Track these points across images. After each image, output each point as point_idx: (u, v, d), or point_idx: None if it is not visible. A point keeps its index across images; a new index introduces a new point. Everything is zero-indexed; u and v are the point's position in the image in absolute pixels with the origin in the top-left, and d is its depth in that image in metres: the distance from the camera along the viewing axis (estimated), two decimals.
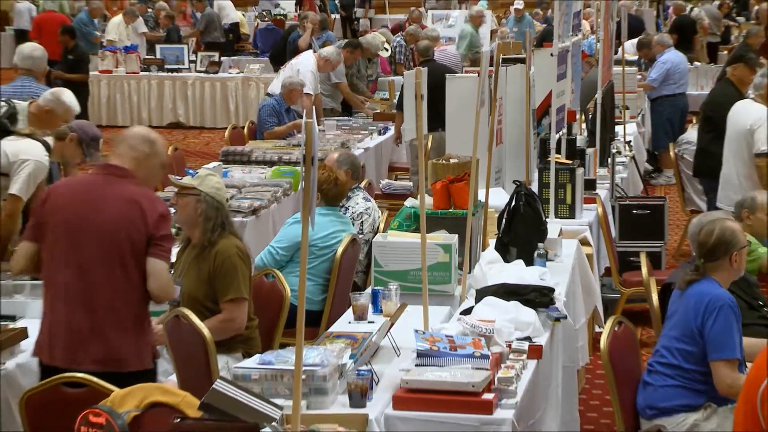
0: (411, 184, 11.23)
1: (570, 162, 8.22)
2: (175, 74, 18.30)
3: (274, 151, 10.36)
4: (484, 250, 6.50)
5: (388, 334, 5.24)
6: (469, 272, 6.14)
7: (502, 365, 4.86)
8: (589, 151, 9.00)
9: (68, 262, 5.07)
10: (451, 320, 5.58)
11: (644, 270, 6.65)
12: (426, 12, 21.33)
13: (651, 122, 13.81)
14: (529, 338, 5.28)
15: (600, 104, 9.88)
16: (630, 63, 14.13)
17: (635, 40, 15.89)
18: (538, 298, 5.65)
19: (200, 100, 18.22)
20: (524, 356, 5.07)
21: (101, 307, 5.03)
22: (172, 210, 6.04)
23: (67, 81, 14.47)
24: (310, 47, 15.12)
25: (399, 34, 17.70)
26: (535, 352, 5.18)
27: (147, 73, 18.28)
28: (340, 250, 6.87)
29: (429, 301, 5.56)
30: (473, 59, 16.61)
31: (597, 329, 7.31)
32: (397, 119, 11.87)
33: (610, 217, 8.69)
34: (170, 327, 5.52)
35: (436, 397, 4.58)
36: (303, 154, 3.55)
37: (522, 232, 6.47)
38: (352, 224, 7.35)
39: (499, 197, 7.17)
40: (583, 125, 10.46)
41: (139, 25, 20.33)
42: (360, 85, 14.06)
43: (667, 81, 13.59)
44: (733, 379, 5.00)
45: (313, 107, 11.93)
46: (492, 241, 6.64)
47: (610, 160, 9.58)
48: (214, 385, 3.83)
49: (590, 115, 10.39)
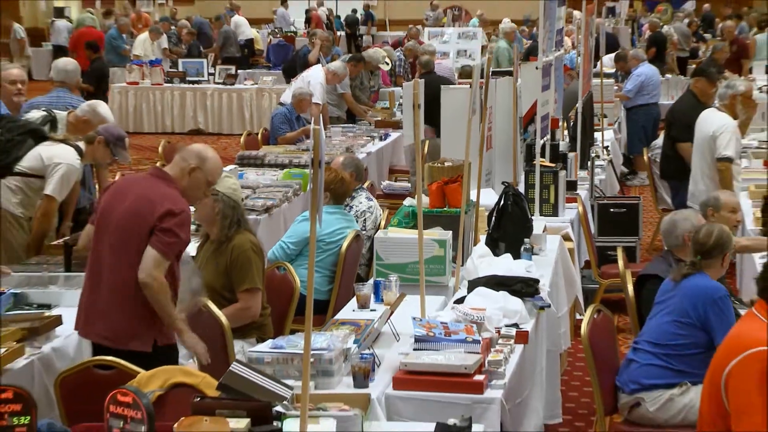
0: (409, 185, 11.23)
1: (553, 165, 8.22)
2: (196, 86, 18.27)
3: (285, 155, 10.35)
4: (475, 245, 6.49)
5: (389, 321, 5.24)
6: (462, 265, 6.14)
7: (492, 349, 4.86)
8: (571, 155, 8.99)
9: (95, 245, 5.12)
10: (446, 308, 5.58)
11: (620, 263, 6.64)
12: (423, 29, 21.28)
13: (626, 129, 13.79)
14: (516, 325, 5.27)
15: (580, 113, 9.88)
16: (607, 75, 14.11)
17: (612, 55, 15.87)
18: (525, 288, 5.64)
19: (218, 109, 18.19)
20: (512, 341, 5.06)
21: (107, 289, 5.00)
22: (193, 209, 6.02)
23: (87, 91, 14.47)
24: (318, 61, 15.12)
25: (399, 49, 17.68)
26: (522, 337, 5.17)
27: (170, 85, 18.26)
28: (344, 245, 6.86)
29: (426, 291, 5.55)
30: (465, 72, 16.57)
31: (578, 317, 7.30)
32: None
33: (590, 215, 8.68)
34: (191, 315, 5.51)
35: (432, 378, 4.58)
36: (311, 157, 3.54)
37: (510, 229, 6.46)
38: (356, 221, 7.34)
39: (489, 197, 7.16)
40: (565, 132, 10.44)
41: (163, 42, 20.33)
42: (363, 96, 14.04)
43: (641, 92, 13.57)
44: None
45: (321, 116, 11.91)
46: (483, 237, 6.63)
47: (589, 163, 9.57)
48: (230, 368, 3.82)
49: (572, 123, 10.38)
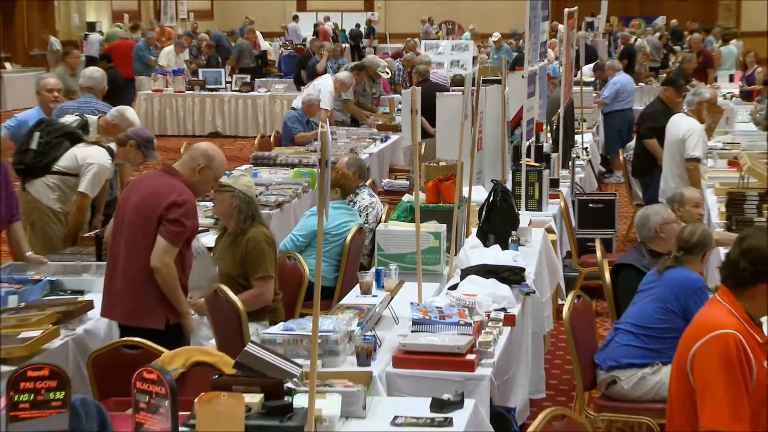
0: (408, 182, 11.20)
1: (538, 164, 8.21)
2: (214, 93, 18.25)
3: (295, 156, 10.35)
4: (467, 237, 6.49)
5: (389, 305, 5.24)
6: (455, 255, 6.13)
7: (482, 331, 4.85)
8: (554, 155, 8.99)
9: (114, 237, 5.19)
10: (441, 294, 5.57)
11: (598, 253, 6.63)
12: (420, 42, 21.24)
13: (604, 132, 13.77)
14: (504, 309, 5.26)
15: (562, 117, 9.86)
16: (587, 84, 14.09)
17: (591, 65, 15.84)
18: (512, 276, 5.64)
19: (234, 113, 18.18)
20: (500, 324, 5.05)
21: (123, 275, 5.06)
22: (210, 204, 6.02)
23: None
24: (326, 71, 15.08)
25: (398, 59, 17.66)
26: (509, 320, 5.17)
27: (191, 92, 18.25)
28: (349, 237, 6.86)
29: (422, 279, 5.56)
30: (458, 81, 16.54)
31: (560, 302, 7.29)
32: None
33: (571, 210, 8.67)
34: (210, 300, 5.51)
35: (428, 357, 4.57)
36: (319, 158, 3.53)
37: (498, 223, 6.45)
38: (359, 216, 7.33)
39: (480, 194, 7.16)
40: (549, 134, 10.43)
41: (185, 53, 20.35)
42: (366, 102, 14.02)
43: (617, 98, 13.54)
44: None
45: (327, 120, 11.90)
46: (474, 230, 6.63)
47: (570, 163, 9.57)
48: (246, 348, 3.81)
49: (554, 126, 10.37)
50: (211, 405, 3.57)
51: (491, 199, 6.53)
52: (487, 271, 5.60)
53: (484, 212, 6.53)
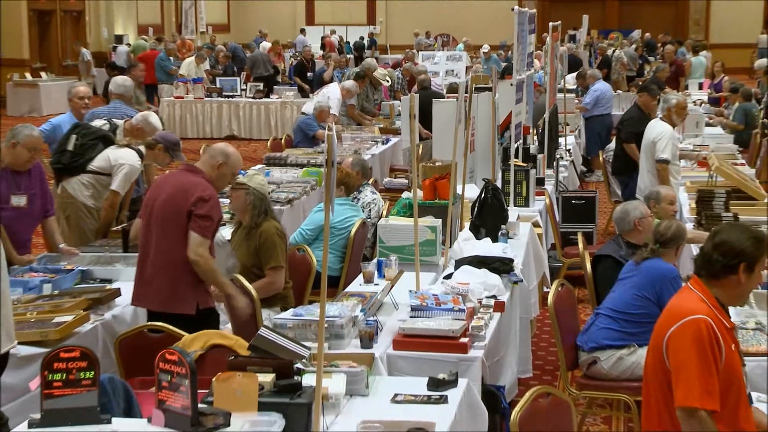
0: (407, 181, 11.18)
1: (525, 164, 8.19)
2: (231, 99, 18.23)
3: (304, 156, 10.34)
4: (461, 230, 6.47)
5: (389, 293, 5.22)
6: (450, 247, 6.12)
7: (475, 317, 4.84)
8: (539, 156, 8.96)
9: (143, 233, 5.16)
10: (437, 283, 5.56)
11: (580, 245, 6.61)
12: (418, 52, 21.21)
13: (585, 135, 13.75)
14: (494, 296, 5.25)
15: (547, 122, 9.84)
16: (570, 91, 14.07)
17: (574, 74, 15.81)
18: (502, 266, 5.62)
19: (249, 118, 18.15)
20: (491, 310, 5.04)
21: (150, 264, 5.05)
22: (227, 201, 6.00)
23: None
24: (332, 79, 15.05)
25: (398, 69, 17.63)
26: (499, 306, 5.16)
27: (209, 99, 18.22)
28: (353, 230, 6.84)
29: (420, 269, 5.54)
30: (452, 88, 16.51)
31: (545, 289, 7.27)
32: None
33: (555, 206, 8.65)
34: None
35: (425, 340, 4.57)
36: (325, 158, 3.51)
37: (489, 218, 6.44)
38: (362, 211, 7.32)
39: (472, 191, 7.13)
40: (535, 137, 10.41)
41: (205, 64, 20.38)
42: (369, 107, 14.01)
43: (597, 104, 13.51)
44: None
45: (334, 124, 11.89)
46: (467, 224, 6.61)
47: (555, 163, 9.54)
48: (259, 332, 3.80)
49: (540, 130, 10.34)
50: (228, 384, 3.57)
51: (483, 196, 6.51)
52: (479, 262, 5.58)
53: (476, 208, 6.52)
